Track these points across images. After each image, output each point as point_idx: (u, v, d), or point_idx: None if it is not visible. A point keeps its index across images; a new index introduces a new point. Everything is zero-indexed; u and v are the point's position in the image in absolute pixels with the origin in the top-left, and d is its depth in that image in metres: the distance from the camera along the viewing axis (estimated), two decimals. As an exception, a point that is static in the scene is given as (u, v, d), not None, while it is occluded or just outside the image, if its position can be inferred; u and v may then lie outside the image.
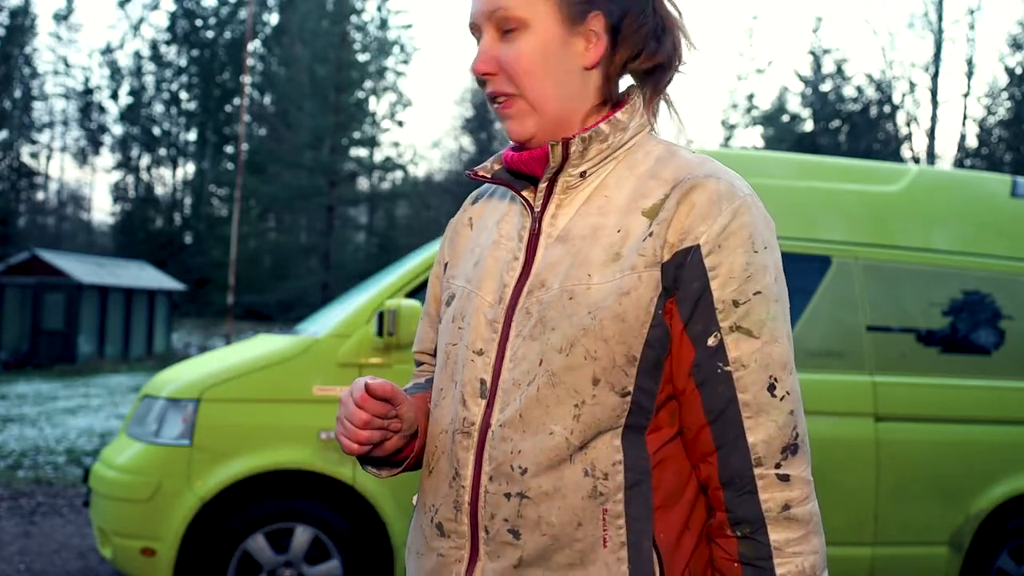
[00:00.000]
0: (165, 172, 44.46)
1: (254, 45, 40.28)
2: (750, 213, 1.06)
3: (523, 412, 1.07)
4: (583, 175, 1.12)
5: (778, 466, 1.04)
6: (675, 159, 1.12)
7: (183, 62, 43.97)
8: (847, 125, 34.00)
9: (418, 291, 3.69)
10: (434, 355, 1.30)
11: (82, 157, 44.90)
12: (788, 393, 1.05)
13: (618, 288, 1.04)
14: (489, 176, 1.18)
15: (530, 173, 1.15)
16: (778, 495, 1.03)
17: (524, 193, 1.16)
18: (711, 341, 1.04)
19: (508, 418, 1.07)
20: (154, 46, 43.73)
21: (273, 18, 42.07)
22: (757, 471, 1.03)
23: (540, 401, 1.06)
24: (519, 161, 1.15)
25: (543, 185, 1.13)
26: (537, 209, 1.14)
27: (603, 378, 1.04)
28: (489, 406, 1.09)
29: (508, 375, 1.09)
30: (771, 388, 1.04)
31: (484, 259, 1.17)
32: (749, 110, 38.69)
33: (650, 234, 1.05)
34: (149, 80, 43.94)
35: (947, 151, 42.97)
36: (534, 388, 1.06)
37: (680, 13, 1.16)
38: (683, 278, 1.04)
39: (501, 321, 1.11)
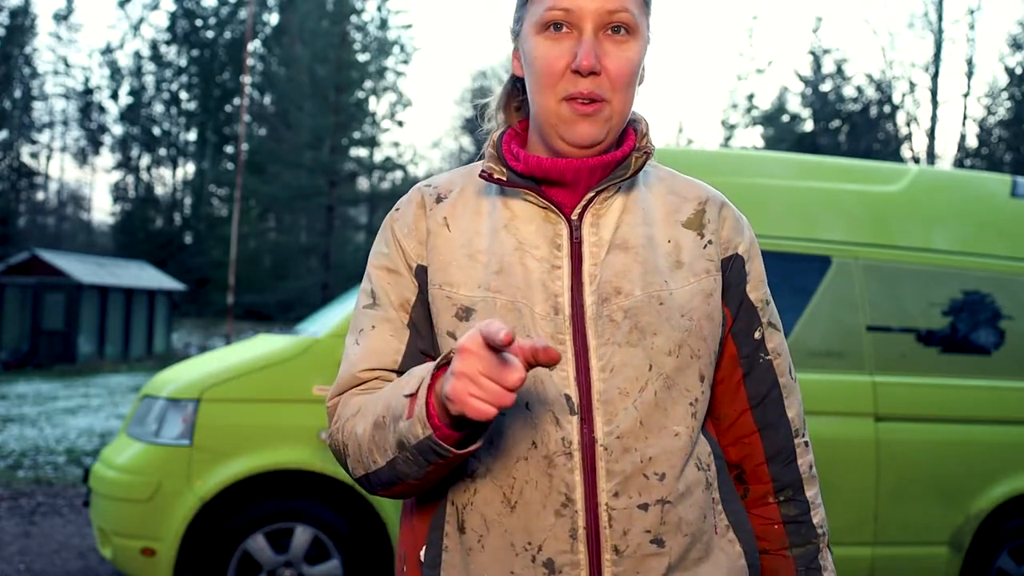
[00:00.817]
0: (165, 172, 44.46)
1: (254, 45, 40.28)
2: (751, 227, 1.23)
3: (643, 419, 1.06)
4: (619, 188, 1.14)
5: (803, 435, 1.22)
6: (677, 178, 1.21)
7: (183, 62, 43.94)
8: (847, 125, 33.99)
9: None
10: (399, 373, 1.13)
11: (82, 157, 44.90)
12: (796, 375, 1.24)
13: (702, 290, 1.12)
14: (505, 179, 1.12)
15: (560, 179, 1.11)
16: (806, 458, 1.21)
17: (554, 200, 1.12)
18: (756, 335, 1.18)
19: (626, 428, 1.05)
20: (154, 46, 43.70)
21: (273, 18, 42.05)
22: (796, 441, 1.20)
23: (658, 405, 1.07)
24: (565, 168, 1.10)
25: (591, 194, 1.11)
26: (575, 217, 1.11)
27: (705, 374, 1.12)
28: (586, 421, 1.05)
29: (605, 385, 1.05)
30: (790, 371, 1.22)
31: (511, 267, 1.09)
32: (749, 110, 38.66)
33: (709, 242, 1.15)
34: (149, 80, 43.91)
35: (947, 151, 42.96)
36: (650, 393, 1.06)
37: None
38: (730, 281, 1.17)
39: (568, 332, 1.06)
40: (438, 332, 1.12)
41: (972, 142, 33.04)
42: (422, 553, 1.12)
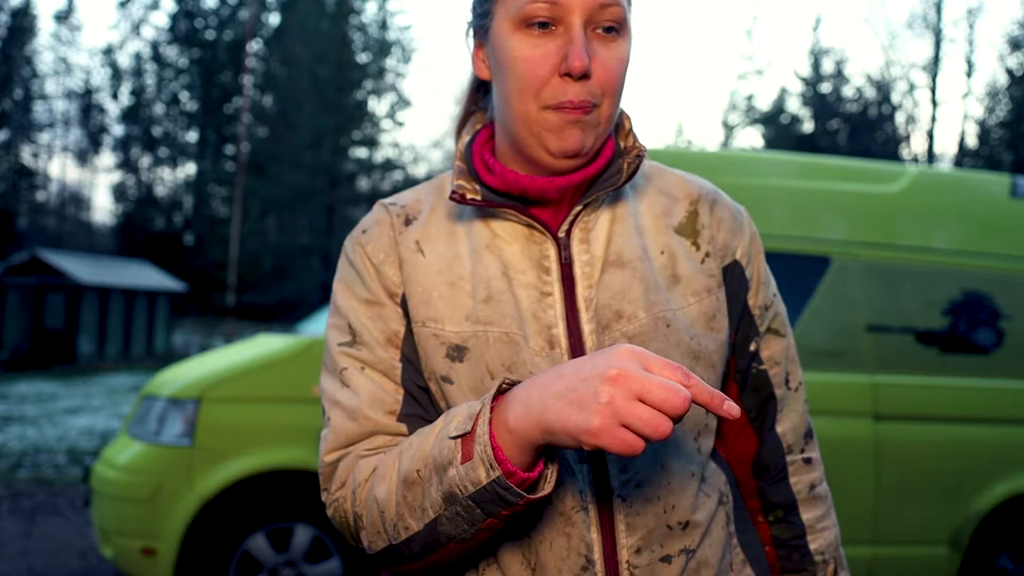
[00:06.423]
0: (166, 172, 44.52)
1: (254, 45, 40.30)
2: (751, 219, 1.11)
3: (664, 462, 0.95)
4: (607, 197, 1.02)
5: (802, 451, 1.10)
6: (666, 174, 1.09)
7: (184, 62, 44.00)
8: (847, 126, 34.00)
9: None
10: (402, 421, 0.98)
11: (83, 157, 44.93)
12: (801, 382, 1.11)
13: (704, 313, 1.01)
14: (480, 199, 0.98)
15: (541, 198, 0.99)
16: (804, 477, 1.09)
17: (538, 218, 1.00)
18: (752, 347, 1.07)
19: (646, 475, 0.94)
20: (155, 46, 43.79)
21: (274, 18, 42.09)
22: (789, 458, 1.09)
23: (673, 443, 0.97)
24: (547, 187, 0.98)
25: (578, 208, 0.98)
26: (562, 235, 0.99)
27: None
28: (596, 469, 0.94)
29: None
30: (791, 380, 1.10)
31: (499, 294, 0.96)
32: (749, 111, 38.69)
33: (707, 254, 1.03)
34: (150, 80, 44.00)
35: (947, 151, 42.94)
36: None
37: None
38: (731, 293, 1.05)
39: None
40: (428, 376, 0.98)
41: (972, 142, 33.06)
42: None
